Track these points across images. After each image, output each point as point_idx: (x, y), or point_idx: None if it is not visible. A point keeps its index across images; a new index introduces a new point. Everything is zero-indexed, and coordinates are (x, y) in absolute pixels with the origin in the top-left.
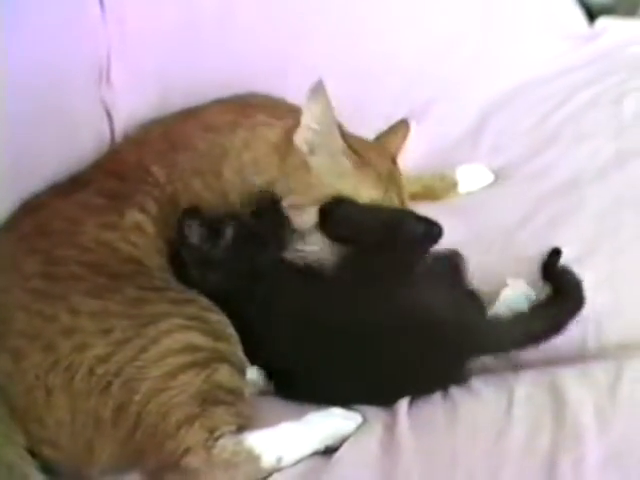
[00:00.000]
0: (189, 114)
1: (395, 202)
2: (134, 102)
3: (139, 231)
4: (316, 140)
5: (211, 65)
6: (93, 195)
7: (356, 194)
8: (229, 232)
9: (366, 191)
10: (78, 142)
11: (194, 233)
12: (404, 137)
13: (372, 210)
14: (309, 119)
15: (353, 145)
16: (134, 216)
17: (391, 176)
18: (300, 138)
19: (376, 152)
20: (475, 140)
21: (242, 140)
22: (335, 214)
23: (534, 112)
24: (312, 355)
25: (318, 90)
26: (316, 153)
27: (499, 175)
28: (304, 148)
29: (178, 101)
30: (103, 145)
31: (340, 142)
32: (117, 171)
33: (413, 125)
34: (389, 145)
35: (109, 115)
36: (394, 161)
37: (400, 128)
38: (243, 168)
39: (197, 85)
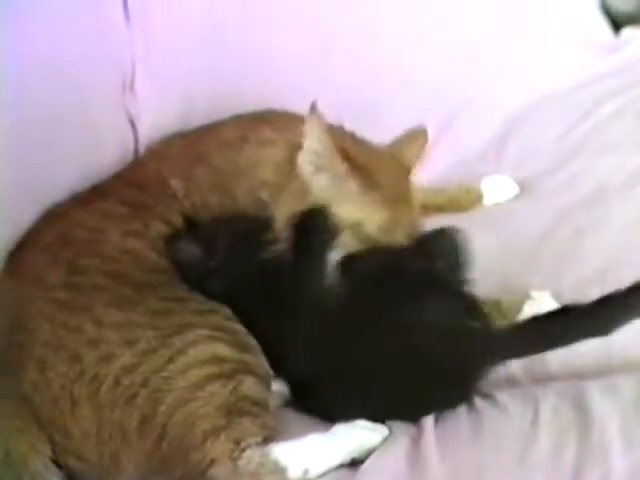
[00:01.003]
0: (209, 129)
1: (404, 222)
2: (158, 111)
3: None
4: (318, 162)
5: (235, 75)
6: (115, 204)
7: (361, 219)
8: (222, 245)
9: (371, 216)
10: (101, 152)
11: (185, 254)
12: (422, 147)
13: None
14: (308, 142)
15: (360, 163)
16: (159, 227)
17: (401, 195)
18: (302, 159)
19: (388, 166)
20: (500, 152)
21: (249, 159)
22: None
23: (559, 123)
24: (332, 370)
25: (313, 113)
26: (319, 175)
27: (524, 187)
28: (307, 169)
29: (202, 111)
30: (127, 155)
31: (341, 166)
32: (138, 182)
33: (430, 133)
34: (406, 155)
35: (133, 124)
36: (408, 173)
37: (418, 137)
38: (253, 188)
39: (221, 95)
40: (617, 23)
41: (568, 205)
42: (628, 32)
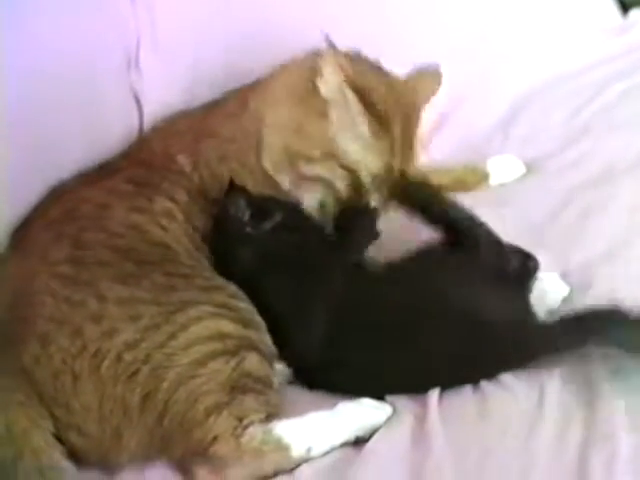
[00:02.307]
0: (212, 105)
1: (396, 178)
2: (163, 89)
3: (169, 217)
4: (335, 98)
5: (242, 51)
6: (121, 182)
7: (364, 161)
8: (278, 216)
9: (371, 164)
10: (107, 129)
11: (239, 208)
12: (435, 88)
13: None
14: (325, 79)
15: (374, 103)
16: (164, 203)
17: (407, 145)
18: (323, 88)
19: (400, 108)
20: (507, 132)
21: (255, 111)
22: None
23: (566, 104)
24: (343, 342)
25: (328, 48)
26: (337, 107)
27: (531, 167)
28: (328, 96)
29: (208, 88)
30: (132, 133)
31: (356, 106)
32: (144, 160)
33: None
34: (419, 92)
35: (138, 102)
36: (419, 112)
37: (431, 77)
38: (260, 142)
39: (227, 71)
40: (625, 5)
41: (575, 185)
42: (636, 14)
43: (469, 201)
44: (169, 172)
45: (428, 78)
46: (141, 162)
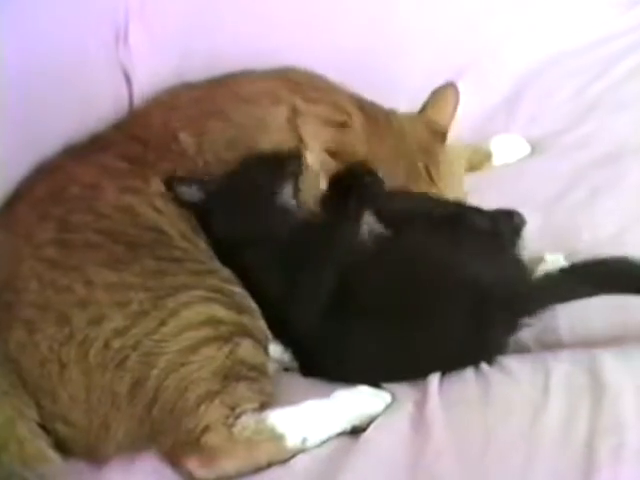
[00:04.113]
0: (222, 81)
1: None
2: (154, 65)
3: (165, 198)
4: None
5: (237, 29)
6: (114, 159)
7: None
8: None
9: None
10: (95, 106)
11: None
12: (454, 105)
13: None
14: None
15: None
16: (160, 184)
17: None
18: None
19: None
20: (511, 109)
21: (285, 118)
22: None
23: (573, 81)
24: (341, 326)
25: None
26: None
27: (536, 146)
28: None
29: (200, 66)
30: (122, 109)
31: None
32: (141, 135)
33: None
34: (440, 116)
35: (127, 78)
36: (443, 138)
37: (448, 95)
38: (280, 143)
39: (221, 49)
40: None
41: (582, 165)
42: None
43: (471, 182)
44: (168, 151)
45: (443, 98)
46: (137, 137)
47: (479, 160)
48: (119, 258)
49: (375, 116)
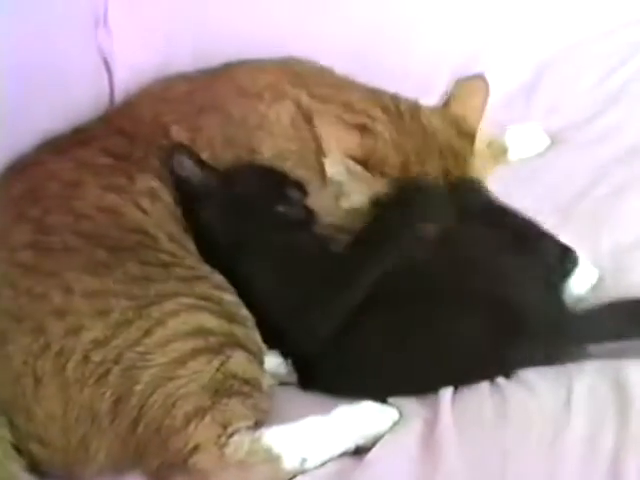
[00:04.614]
0: (220, 73)
1: None
2: (136, 50)
3: (152, 197)
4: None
5: (225, 12)
6: (97, 153)
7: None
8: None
9: None
10: (72, 96)
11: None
12: (484, 99)
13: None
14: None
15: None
16: (148, 182)
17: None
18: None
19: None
20: (529, 99)
21: (290, 116)
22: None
23: (596, 68)
24: (345, 335)
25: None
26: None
27: (556, 139)
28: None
29: (188, 51)
30: (101, 101)
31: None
32: (127, 129)
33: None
34: (467, 113)
35: (107, 65)
36: (472, 140)
37: (477, 87)
38: (283, 151)
39: (208, 34)
40: None
41: (606, 160)
42: None
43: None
44: (157, 146)
45: (472, 93)
46: (123, 130)
47: (493, 154)
48: (100, 263)
49: (399, 114)
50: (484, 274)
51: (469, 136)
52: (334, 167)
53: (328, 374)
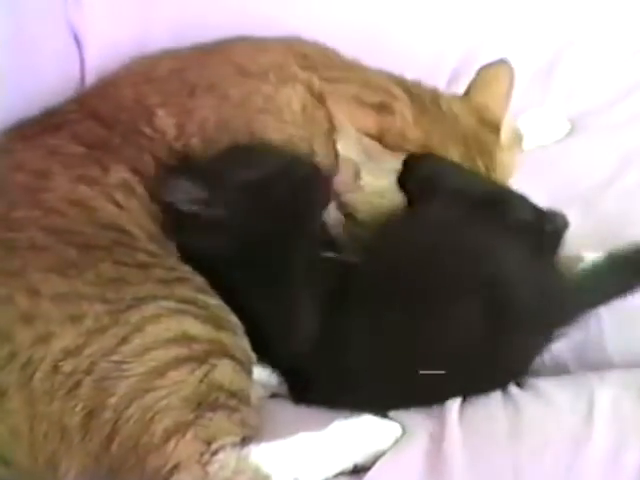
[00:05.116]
0: (216, 48)
1: None
2: (110, 26)
3: (127, 190)
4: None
5: None
6: (68, 141)
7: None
8: (232, 185)
9: None
10: (39, 75)
11: (179, 193)
12: (509, 88)
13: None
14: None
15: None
16: (121, 174)
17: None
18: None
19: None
20: (546, 82)
21: (300, 102)
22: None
23: (619, 49)
24: (340, 340)
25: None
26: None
27: (576, 125)
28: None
29: (166, 27)
30: (72, 81)
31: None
32: (104, 112)
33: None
34: (491, 101)
35: (78, 42)
36: (497, 130)
37: (501, 74)
38: (293, 138)
39: (191, 9)
40: None
41: (631, 147)
42: None
43: None
44: (138, 134)
45: (495, 80)
46: (99, 114)
47: (507, 143)
48: (71, 263)
49: (420, 96)
50: (464, 257)
51: (493, 126)
52: (347, 145)
53: (323, 385)
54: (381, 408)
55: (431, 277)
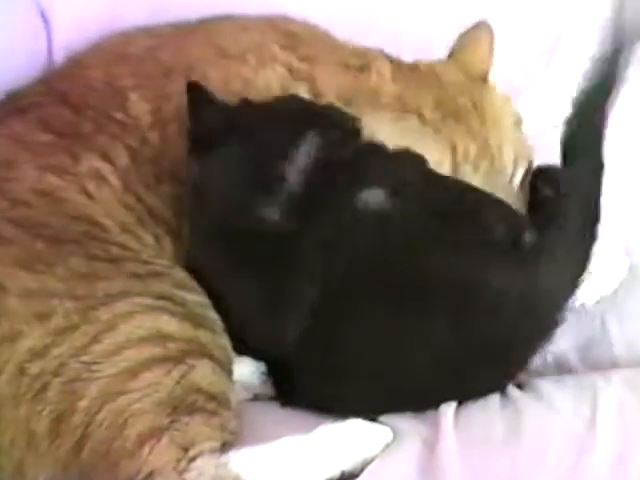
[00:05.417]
0: (195, 28)
1: None
2: (78, 0)
3: (99, 180)
4: None
5: None
6: (34, 127)
7: None
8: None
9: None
10: (4, 56)
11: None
12: (490, 45)
13: None
14: None
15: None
16: (94, 163)
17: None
18: None
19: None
20: (549, 62)
21: (281, 83)
22: None
23: None
24: (327, 336)
25: None
26: None
27: None
28: None
29: (139, 3)
30: (38, 59)
31: None
32: (73, 95)
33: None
34: (475, 59)
35: (45, 18)
36: (484, 79)
37: (481, 34)
38: None
39: None
40: None
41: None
42: None
43: None
44: (110, 120)
45: (476, 41)
46: (68, 97)
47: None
48: (39, 257)
49: (399, 62)
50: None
51: (480, 76)
52: None
53: (309, 386)
54: (370, 411)
55: (410, 277)
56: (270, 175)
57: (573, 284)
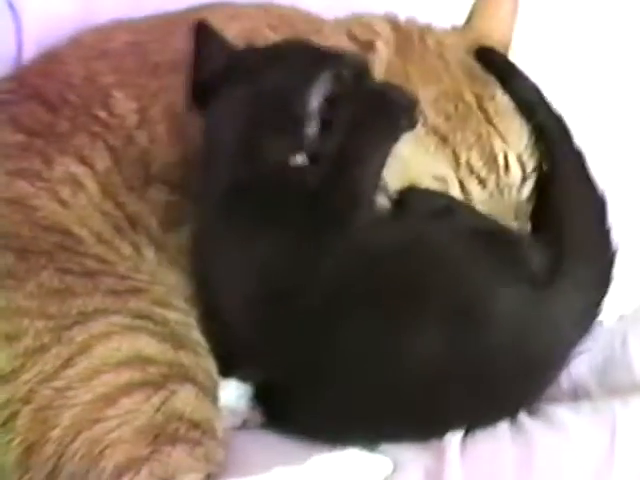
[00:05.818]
0: (180, 20)
1: None
2: None
3: (74, 186)
4: None
5: None
6: (4, 126)
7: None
8: None
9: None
10: None
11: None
12: (513, 10)
13: None
14: None
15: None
16: (68, 167)
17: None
18: None
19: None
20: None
21: None
22: None
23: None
24: (325, 363)
25: None
26: None
27: None
28: None
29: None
30: (6, 52)
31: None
32: (48, 93)
33: None
34: (493, 30)
35: (12, 8)
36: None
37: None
38: None
39: None
40: None
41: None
42: None
43: None
44: (92, 119)
45: (496, 5)
46: (43, 95)
47: None
48: (7, 271)
49: (409, 34)
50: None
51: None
52: None
53: (302, 411)
54: (369, 440)
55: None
56: (288, 117)
57: (596, 307)
